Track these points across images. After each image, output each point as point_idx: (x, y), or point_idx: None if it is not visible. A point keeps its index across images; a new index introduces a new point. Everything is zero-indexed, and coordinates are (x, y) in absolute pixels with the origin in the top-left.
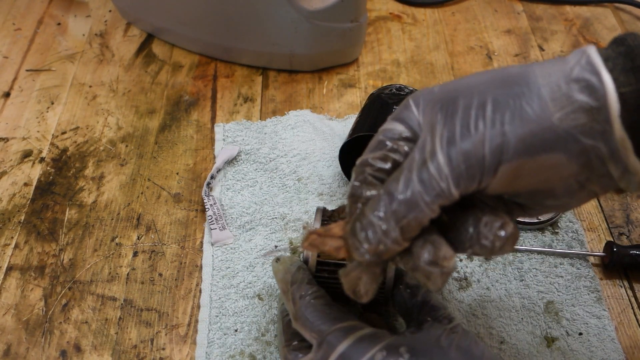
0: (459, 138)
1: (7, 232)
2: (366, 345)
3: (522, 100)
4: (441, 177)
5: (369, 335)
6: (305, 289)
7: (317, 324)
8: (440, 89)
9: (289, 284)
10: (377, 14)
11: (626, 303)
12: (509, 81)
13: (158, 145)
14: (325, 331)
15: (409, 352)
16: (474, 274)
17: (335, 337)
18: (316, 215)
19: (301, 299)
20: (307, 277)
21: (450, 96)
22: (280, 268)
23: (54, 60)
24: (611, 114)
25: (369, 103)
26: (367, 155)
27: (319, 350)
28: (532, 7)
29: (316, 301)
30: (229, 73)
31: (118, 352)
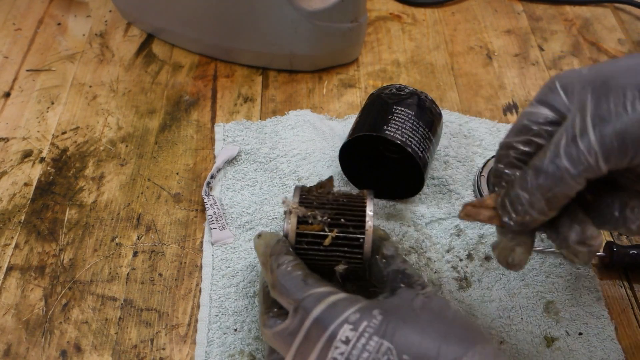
0: (614, 116)
1: (7, 232)
2: (340, 309)
3: None
4: (590, 153)
5: (343, 299)
6: (283, 259)
7: (292, 290)
8: (589, 70)
9: (268, 256)
10: (377, 14)
11: (626, 303)
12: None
13: (158, 145)
14: (300, 297)
15: (381, 314)
16: (474, 274)
17: (309, 302)
18: (294, 192)
19: (278, 268)
20: (286, 249)
21: (603, 78)
22: (262, 242)
23: (54, 60)
24: None
25: (369, 103)
26: (511, 138)
27: (295, 315)
28: (532, 7)
29: (293, 269)
30: (229, 73)
31: (118, 352)
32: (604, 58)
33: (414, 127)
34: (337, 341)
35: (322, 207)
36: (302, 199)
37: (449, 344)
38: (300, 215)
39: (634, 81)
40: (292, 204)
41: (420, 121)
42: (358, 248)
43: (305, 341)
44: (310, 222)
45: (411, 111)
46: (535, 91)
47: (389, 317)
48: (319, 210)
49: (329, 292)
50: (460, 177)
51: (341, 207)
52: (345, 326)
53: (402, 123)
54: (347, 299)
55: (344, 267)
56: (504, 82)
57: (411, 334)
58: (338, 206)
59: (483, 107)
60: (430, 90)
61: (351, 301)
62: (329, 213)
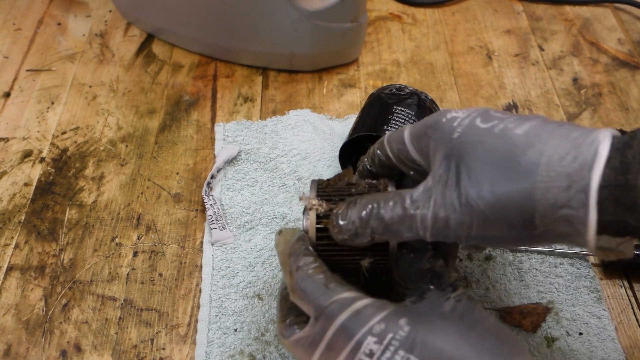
0: (451, 216)
1: (7, 232)
2: (365, 317)
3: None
4: (422, 227)
5: (368, 305)
6: (303, 260)
7: (314, 296)
8: (458, 137)
9: (287, 256)
10: (377, 14)
11: (626, 303)
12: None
13: (158, 145)
14: (322, 303)
15: (409, 324)
16: (473, 274)
17: (333, 309)
18: (311, 187)
19: (298, 271)
20: (305, 248)
21: (459, 159)
22: (281, 240)
23: (54, 60)
24: (588, 239)
25: (369, 103)
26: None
27: (316, 323)
28: (532, 7)
29: (314, 272)
30: (229, 73)
31: (118, 352)
32: (604, 58)
33: None
34: (360, 353)
35: (342, 199)
36: (319, 192)
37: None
38: (320, 210)
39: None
40: (311, 198)
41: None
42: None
43: (327, 351)
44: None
45: (411, 111)
46: (535, 91)
47: (416, 328)
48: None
49: (353, 297)
50: None
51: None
52: (369, 338)
53: (402, 123)
54: (372, 306)
55: (370, 261)
56: (504, 82)
57: (441, 347)
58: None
59: None
60: (430, 90)
61: (377, 308)
62: None
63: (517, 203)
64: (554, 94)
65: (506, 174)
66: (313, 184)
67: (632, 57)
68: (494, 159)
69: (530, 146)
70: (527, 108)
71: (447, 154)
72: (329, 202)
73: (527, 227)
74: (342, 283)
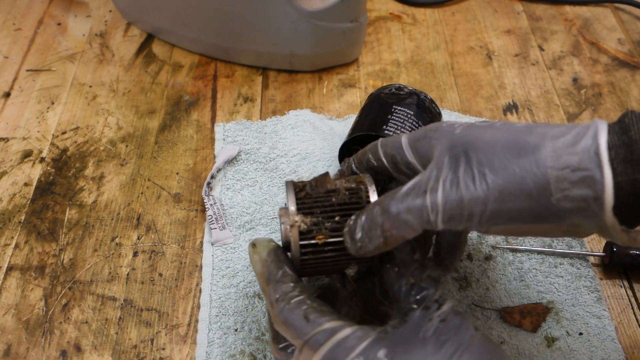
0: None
1: (7, 232)
2: (346, 350)
3: (527, 176)
4: (432, 211)
5: (349, 337)
6: (282, 289)
7: (296, 329)
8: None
9: (265, 282)
10: (377, 14)
11: (626, 303)
12: (522, 151)
13: (158, 145)
14: (304, 337)
15: (387, 356)
16: (473, 274)
17: (314, 342)
18: (288, 191)
19: (278, 302)
20: (283, 273)
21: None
22: (257, 259)
23: (54, 60)
24: (605, 205)
25: (368, 103)
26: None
27: (300, 355)
28: (532, 7)
29: (294, 303)
30: (229, 73)
31: (118, 352)
32: (604, 58)
33: (413, 127)
34: None
35: (324, 211)
36: (299, 204)
37: None
38: (302, 227)
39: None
40: (292, 214)
41: (419, 121)
42: None
43: None
44: (314, 231)
45: (410, 111)
46: (535, 91)
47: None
48: (322, 216)
49: (333, 328)
50: None
51: (344, 207)
52: None
53: (401, 123)
54: (353, 336)
55: (355, 270)
56: (504, 82)
57: None
58: (340, 206)
59: (483, 107)
60: (430, 90)
61: (358, 338)
62: (332, 216)
63: (531, 171)
64: (554, 94)
65: (515, 151)
66: (289, 187)
67: (632, 57)
68: (500, 141)
69: (533, 131)
70: (527, 108)
71: (451, 145)
72: (309, 214)
73: (543, 193)
74: (323, 312)
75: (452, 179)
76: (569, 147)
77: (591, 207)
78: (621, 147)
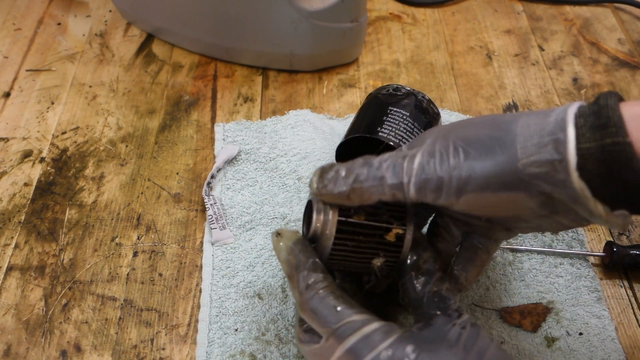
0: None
1: (7, 232)
2: (373, 342)
3: (497, 144)
4: (408, 173)
5: (377, 330)
6: (312, 278)
7: (324, 318)
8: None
9: (293, 269)
10: (377, 14)
11: (626, 303)
12: (496, 126)
13: (158, 145)
14: (332, 326)
15: (415, 352)
16: None
17: (342, 332)
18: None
19: (308, 290)
20: (314, 262)
21: (448, 129)
22: (282, 247)
23: (54, 60)
24: (569, 166)
25: (366, 103)
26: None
27: (327, 343)
28: (532, 7)
29: (323, 292)
30: (229, 73)
31: (118, 352)
32: (604, 58)
33: (408, 128)
34: None
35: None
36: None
37: None
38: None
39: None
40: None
41: (415, 122)
42: (399, 241)
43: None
44: (352, 212)
45: (406, 112)
46: (535, 91)
47: (422, 356)
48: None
49: (362, 321)
50: None
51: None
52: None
53: (396, 124)
54: (380, 330)
55: (382, 261)
56: (504, 82)
57: None
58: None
59: (483, 107)
60: (430, 90)
61: (385, 333)
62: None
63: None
64: (554, 94)
65: (490, 126)
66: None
67: (632, 57)
68: (476, 123)
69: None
70: (527, 108)
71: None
72: None
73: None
74: (351, 304)
75: (430, 151)
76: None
77: (558, 172)
78: (590, 115)
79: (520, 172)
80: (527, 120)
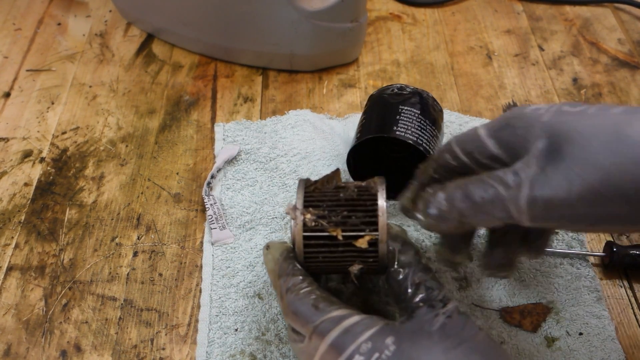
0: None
1: (7, 232)
2: (353, 335)
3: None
4: (518, 209)
5: (357, 323)
6: (292, 281)
7: (305, 317)
8: (550, 118)
9: (277, 277)
10: (377, 14)
11: (626, 303)
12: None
13: (158, 145)
14: (313, 323)
15: (394, 344)
16: (473, 274)
17: (324, 328)
18: (298, 188)
19: (288, 293)
20: (293, 268)
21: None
22: (270, 258)
23: (54, 60)
24: None
25: (371, 105)
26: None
27: (310, 341)
28: (532, 7)
29: (303, 294)
30: (229, 73)
31: (118, 352)
32: (604, 58)
33: (421, 125)
34: None
35: (331, 205)
36: (307, 197)
37: None
38: (307, 219)
39: (580, 155)
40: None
41: (426, 119)
42: (373, 246)
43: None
44: (319, 225)
45: (417, 110)
46: (535, 91)
47: (402, 348)
48: (328, 210)
49: (342, 315)
50: None
51: (351, 203)
52: (357, 357)
53: (410, 122)
54: (361, 323)
55: (359, 268)
56: (504, 82)
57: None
58: (347, 202)
59: (483, 107)
60: (430, 90)
61: (365, 325)
62: (338, 211)
63: (633, 174)
64: (554, 94)
65: (615, 147)
66: (300, 184)
67: (632, 57)
68: (597, 134)
69: (633, 121)
70: None
71: (541, 135)
72: (316, 207)
73: None
74: (331, 302)
75: (542, 177)
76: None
77: None
78: None
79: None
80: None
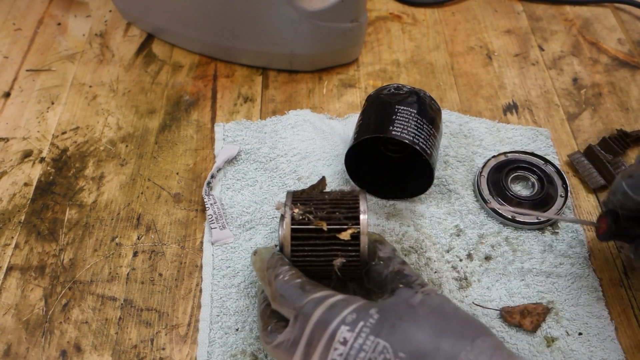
0: None
1: (8, 232)
2: (338, 309)
3: None
4: None
5: (341, 300)
6: (280, 269)
7: (292, 298)
8: None
9: (265, 270)
10: (377, 14)
11: (626, 303)
12: None
13: (158, 145)
14: (300, 303)
15: (378, 313)
16: (474, 273)
17: (309, 308)
18: (287, 196)
19: (276, 279)
20: (281, 259)
21: None
22: (257, 259)
23: (54, 60)
24: None
25: (369, 105)
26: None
27: (295, 322)
28: (532, 7)
29: (290, 278)
30: (229, 73)
31: (118, 352)
32: (604, 58)
33: (418, 125)
34: (335, 342)
35: (317, 204)
36: (295, 198)
37: (448, 339)
38: (295, 213)
39: None
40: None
41: (423, 119)
42: (355, 240)
43: (307, 347)
44: (306, 219)
45: (413, 109)
46: (535, 91)
47: (385, 315)
48: (314, 206)
49: (327, 295)
50: (460, 177)
51: (335, 202)
52: (342, 327)
53: (406, 122)
54: (344, 300)
55: (342, 262)
56: (504, 82)
57: (408, 331)
58: (332, 201)
59: (483, 107)
60: (430, 90)
61: (349, 302)
62: (323, 208)
63: None
64: (554, 94)
65: None
66: (288, 194)
67: (632, 57)
68: None
69: None
70: (527, 108)
71: None
72: (304, 205)
73: None
74: (317, 285)
75: None
76: None
77: None
78: None
79: None
80: None
